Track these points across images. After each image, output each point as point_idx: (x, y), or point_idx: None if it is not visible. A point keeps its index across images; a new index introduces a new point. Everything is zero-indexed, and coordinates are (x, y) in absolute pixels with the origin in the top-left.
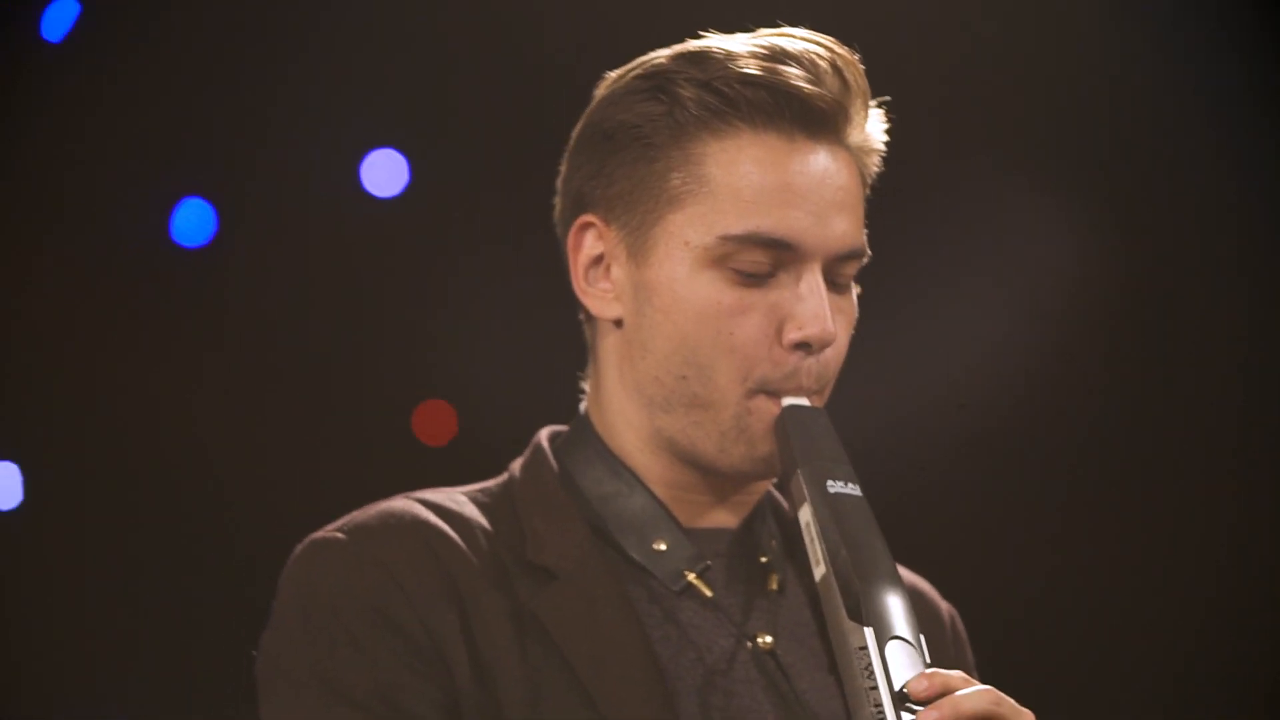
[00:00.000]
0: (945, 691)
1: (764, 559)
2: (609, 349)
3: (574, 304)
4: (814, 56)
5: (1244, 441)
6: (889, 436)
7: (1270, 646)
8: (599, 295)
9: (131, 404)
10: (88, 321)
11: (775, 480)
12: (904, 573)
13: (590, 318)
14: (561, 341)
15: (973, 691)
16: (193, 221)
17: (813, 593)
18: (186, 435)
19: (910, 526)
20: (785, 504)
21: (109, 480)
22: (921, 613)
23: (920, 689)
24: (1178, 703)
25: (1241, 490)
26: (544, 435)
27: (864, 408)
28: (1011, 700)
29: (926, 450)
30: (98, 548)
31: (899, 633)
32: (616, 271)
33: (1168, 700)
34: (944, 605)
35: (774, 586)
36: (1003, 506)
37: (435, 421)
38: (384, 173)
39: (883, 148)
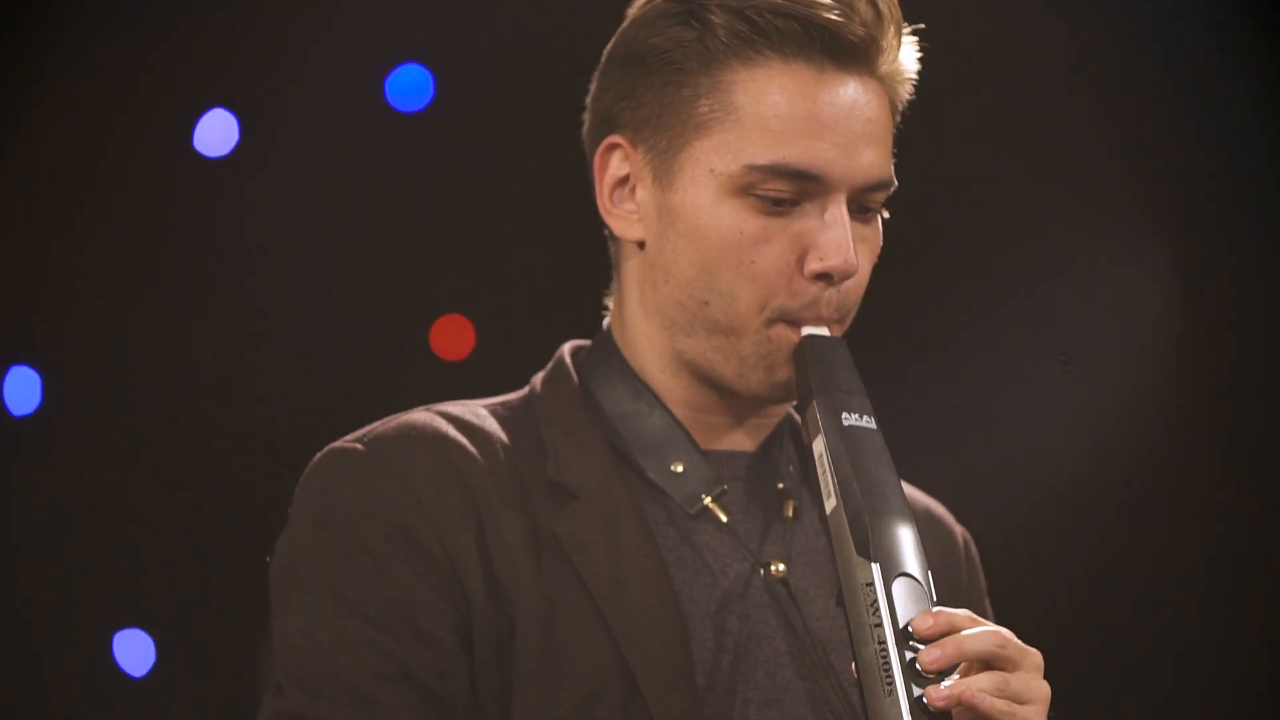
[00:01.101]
0: (950, 630)
1: (780, 485)
2: (631, 270)
3: (597, 221)
4: None
5: None
6: None
7: None
8: (623, 216)
9: (151, 312)
10: (110, 230)
11: (795, 404)
12: (917, 495)
13: (614, 237)
14: (582, 257)
15: (978, 631)
16: (216, 132)
17: (826, 519)
18: (205, 345)
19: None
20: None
21: (128, 389)
22: (934, 536)
23: (925, 627)
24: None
25: None
26: (566, 350)
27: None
28: (1018, 640)
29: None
30: (115, 454)
31: (906, 570)
32: (641, 194)
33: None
34: (958, 529)
35: (789, 513)
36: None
37: (453, 336)
38: (408, 87)
39: (914, 75)
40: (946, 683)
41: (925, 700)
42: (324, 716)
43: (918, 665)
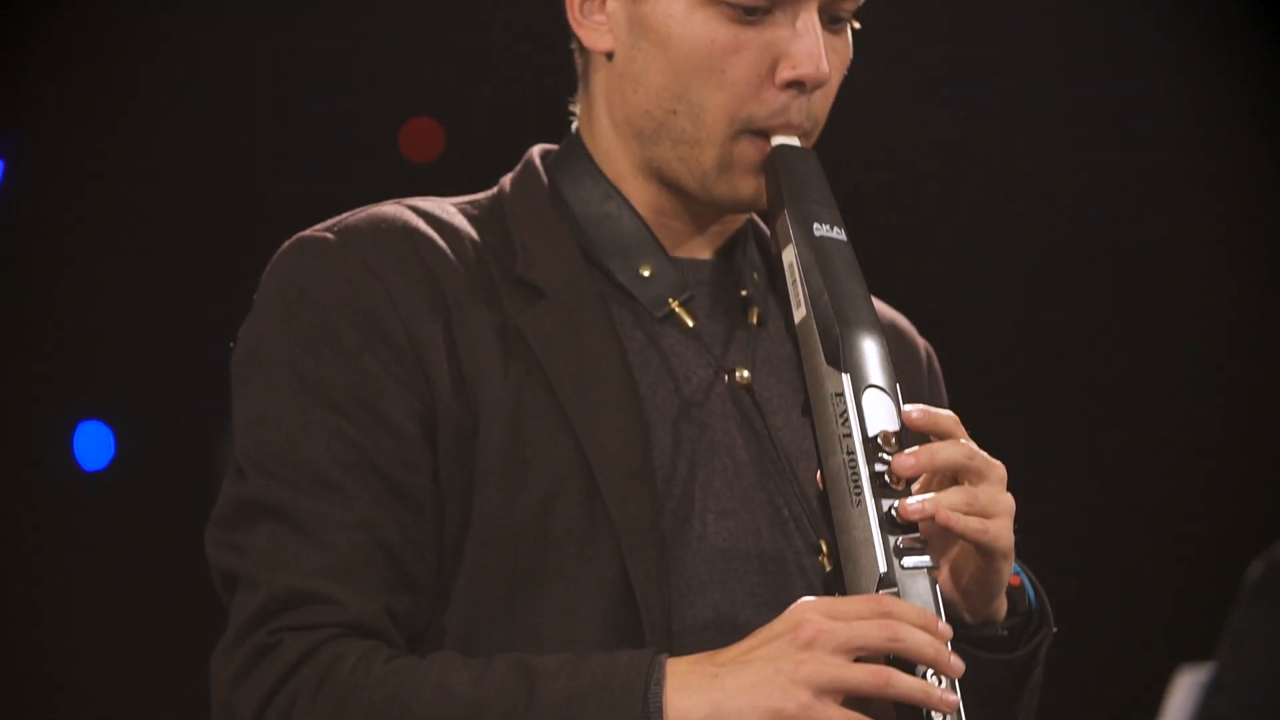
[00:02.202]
0: (919, 441)
1: (745, 292)
2: (599, 82)
3: (565, 29)
4: None
5: None
6: None
7: None
8: (593, 28)
9: None
10: None
11: (759, 213)
12: (882, 308)
13: (582, 49)
14: (550, 61)
15: (949, 444)
16: None
17: (793, 329)
18: (173, 130)
19: None
20: (769, 234)
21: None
22: (898, 349)
23: (907, 466)
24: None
25: None
26: (535, 152)
27: None
28: (985, 454)
29: None
30: (76, 245)
31: (875, 381)
32: (611, 4)
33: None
34: (921, 342)
35: (754, 320)
36: None
37: (422, 138)
38: None
39: None
40: (917, 498)
41: (896, 513)
42: (285, 501)
43: (885, 477)
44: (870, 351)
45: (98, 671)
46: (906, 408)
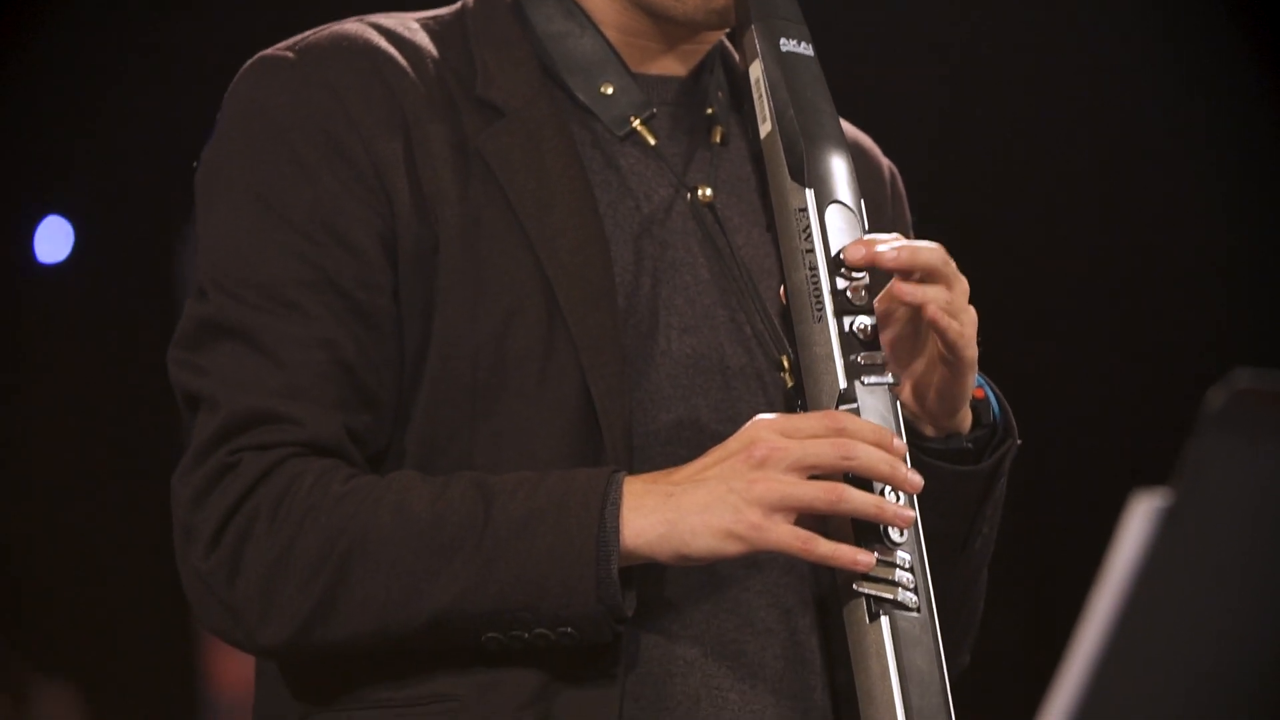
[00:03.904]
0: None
1: (709, 110)
2: None
3: None
4: None
5: None
6: None
7: None
8: None
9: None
10: None
11: (728, 31)
12: (847, 127)
13: None
14: None
15: (926, 244)
16: None
17: (756, 148)
18: None
19: None
20: (737, 56)
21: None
22: (862, 169)
23: (857, 255)
24: None
25: None
26: None
27: None
28: (954, 263)
29: None
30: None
31: (840, 197)
32: None
33: None
34: (885, 161)
35: (717, 139)
36: None
37: None
38: None
39: None
40: (893, 245)
41: (857, 330)
42: (245, 321)
43: (848, 294)
44: (835, 167)
45: (49, 457)
46: (881, 248)
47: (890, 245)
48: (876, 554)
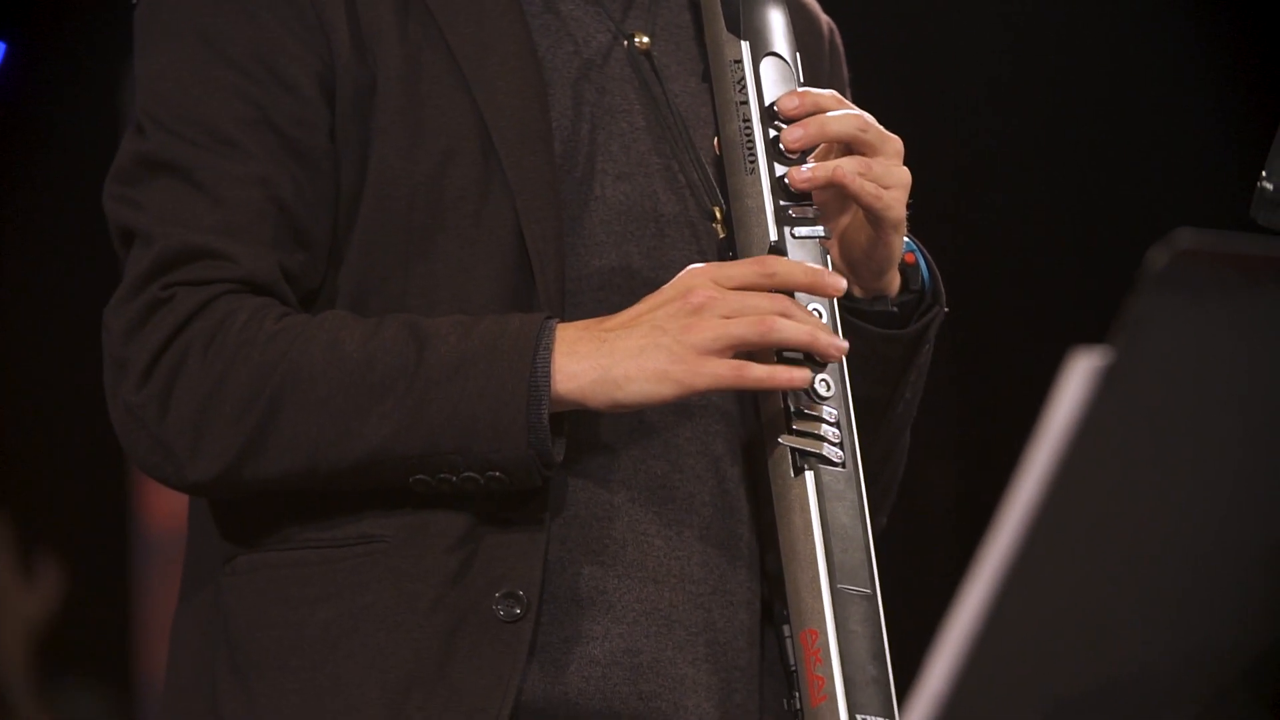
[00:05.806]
0: (815, 111)
1: None
2: None
3: None
4: None
5: None
6: None
7: None
8: None
9: None
10: None
11: None
12: None
13: None
14: None
15: (842, 114)
16: None
17: None
18: None
19: None
20: None
21: None
22: (801, 23)
23: (790, 106)
24: None
25: None
26: None
27: None
28: (880, 126)
29: None
30: None
31: (775, 49)
32: None
33: None
34: (824, 18)
35: None
36: None
37: None
38: None
39: None
40: (807, 166)
41: (787, 180)
42: (182, 157)
43: (781, 145)
44: (771, 20)
45: None
46: (781, 99)
47: (799, 124)
48: (804, 408)
